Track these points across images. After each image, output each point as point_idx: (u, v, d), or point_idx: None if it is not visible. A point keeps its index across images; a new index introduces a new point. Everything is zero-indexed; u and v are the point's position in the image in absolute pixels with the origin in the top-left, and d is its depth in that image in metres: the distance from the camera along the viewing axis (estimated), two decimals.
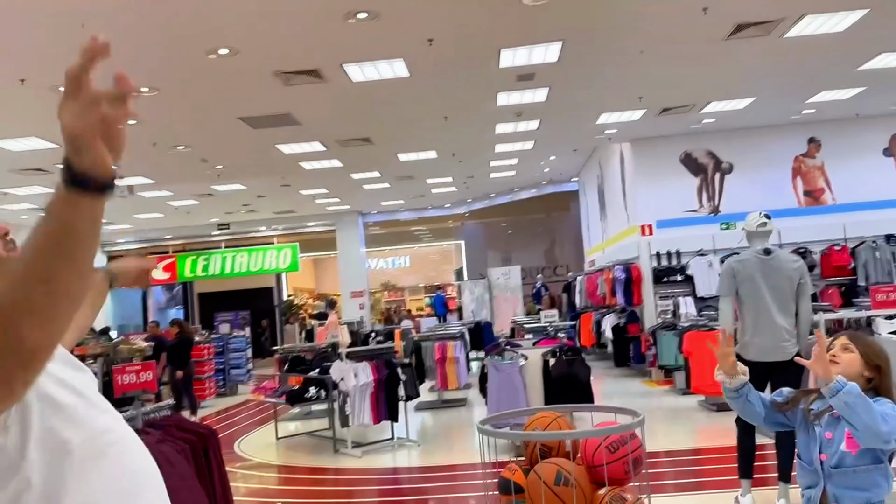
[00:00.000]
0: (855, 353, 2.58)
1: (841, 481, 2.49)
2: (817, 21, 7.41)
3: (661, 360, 10.08)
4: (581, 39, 7.47)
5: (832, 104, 10.99)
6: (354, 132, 10.74)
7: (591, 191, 16.51)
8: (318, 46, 7.16)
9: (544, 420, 3.11)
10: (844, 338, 2.67)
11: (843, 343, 2.63)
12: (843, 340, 2.65)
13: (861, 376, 2.52)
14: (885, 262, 11.24)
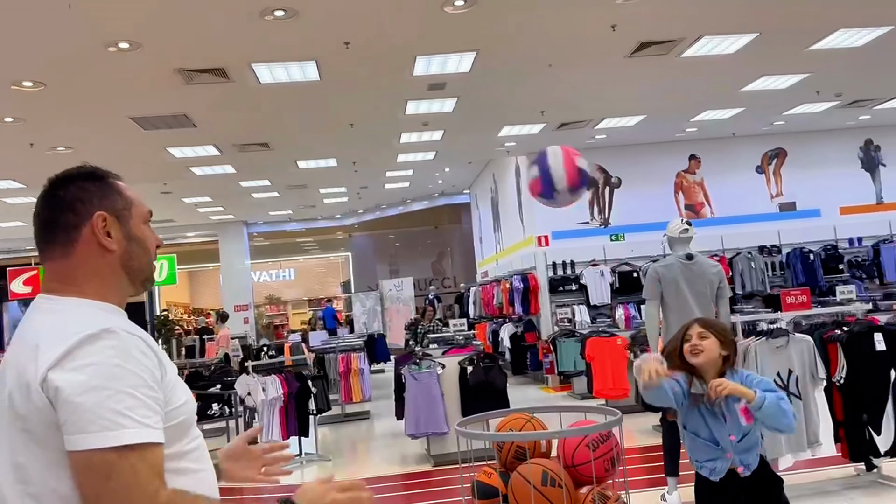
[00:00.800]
0: (711, 337, 2.88)
1: (743, 448, 2.84)
2: (712, 42, 7.90)
3: (560, 366, 10.33)
4: (495, 50, 7.58)
5: (713, 123, 11.76)
6: (254, 136, 10.36)
7: (484, 203, 16.77)
8: (229, 44, 6.84)
9: (519, 421, 3.08)
10: (697, 326, 2.94)
11: (698, 332, 2.90)
12: (697, 329, 2.91)
13: (720, 355, 2.87)
14: (759, 272, 12.11)
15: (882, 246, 12.20)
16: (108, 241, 1.43)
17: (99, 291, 1.41)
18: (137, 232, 1.50)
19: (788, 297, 5.24)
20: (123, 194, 1.50)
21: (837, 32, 7.92)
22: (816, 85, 9.96)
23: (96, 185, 1.47)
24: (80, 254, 1.42)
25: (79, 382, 1.22)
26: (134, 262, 1.47)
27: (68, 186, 1.45)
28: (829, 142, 13.11)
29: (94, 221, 1.43)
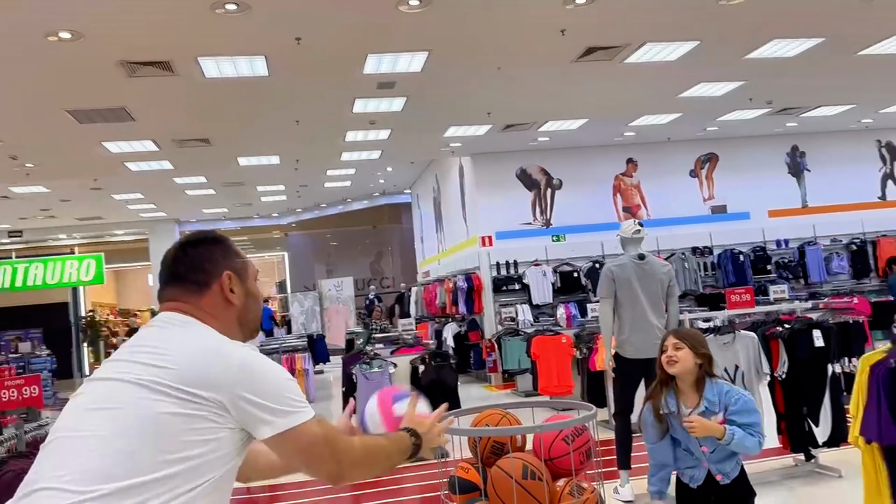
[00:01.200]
0: (685, 347, 3.02)
1: (717, 458, 2.97)
2: (655, 49, 8.15)
3: (504, 364, 10.46)
4: (446, 51, 7.62)
5: (650, 128, 12.12)
6: (195, 132, 10.11)
7: (426, 203, 16.81)
8: (176, 36, 6.67)
9: (494, 417, 3.12)
10: (672, 337, 3.09)
11: (674, 343, 3.05)
12: (673, 341, 3.06)
13: (695, 365, 3.01)
14: (692, 272, 12.56)
15: (807, 248, 12.82)
16: (232, 296, 1.69)
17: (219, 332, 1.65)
18: (253, 289, 1.76)
19: (733, 296, 5.47)
20: (241, 255, 1.77)
21: (772, 43, 8.29)
22: (750, 93, 10.39)
23: (220, 247, 1.73)
24: (207, 299, 1.68)
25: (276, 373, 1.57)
26: (249, 315, 1.75)
27: (198, 248, 1.71)
28: (758, 147, 13.69)
29: (223, 279, 1.69)
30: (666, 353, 3.04)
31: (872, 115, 12.83)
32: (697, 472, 3.00)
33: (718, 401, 2.94)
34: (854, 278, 12.85)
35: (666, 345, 3.06)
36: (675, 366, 3.00)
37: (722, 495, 2.97)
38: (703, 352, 3.02)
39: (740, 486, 2.99)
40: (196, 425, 1.46)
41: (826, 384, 5.26)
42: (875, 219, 13.41)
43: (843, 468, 5.26)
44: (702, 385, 2.99)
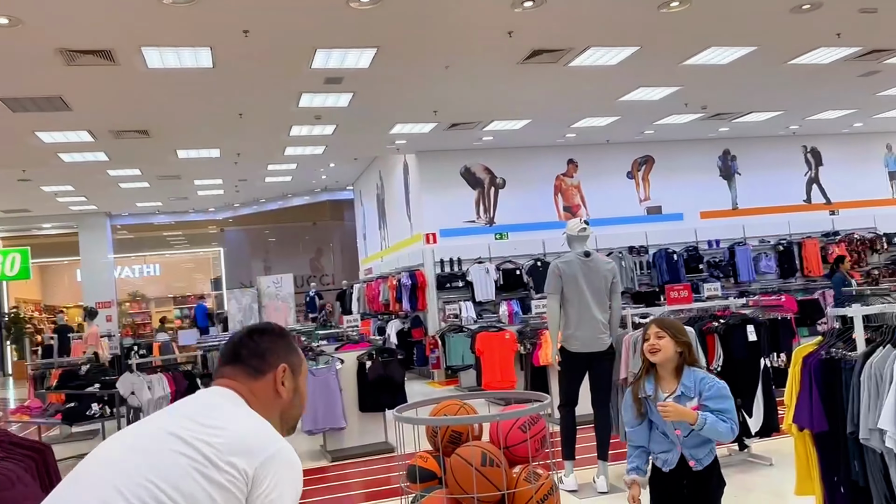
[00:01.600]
0: (666, 336, 3.10)
1: (691, 443, 3.05)
2: (598, 53, 8.37)
3: (448, 360, 10.56)
4: (395, 48, 7.66)
5: (590, 130, 12.42)
6: (133, 123, 9.86)
7: (369, 200, 16.78)
8: (120, 26, 6.51)
9: (453, 407, 3.19)
10: (654, 326, 3.17)
11: (655, 332, 3.13)
12: (654, 329, 3.15)
13: (675, 353, 3.10)
14: (629, 271, 12.93)
15: (737, 248, 13.37)
16: (282, 389, 1.75)
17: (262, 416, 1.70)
18: (302, 387, 1.83)
19: (672, 293, 5.69)
20: (299, 353, 1.83)
21: (708, 50, 8.63)
22: (685, 98, 10.77)
23: (284, 341, 1.81)
24: (260, 386, 1.74)
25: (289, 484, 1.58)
26: (293, 410, 1.80)
27: (264, 336, 1.79)
28: (692, 151, 14.18)
29: (278, 371, 1.75)
30: (648, 342, 3.11)
31: (799, 121, 13.47)
32: (671, 456, 3.06)
33: (694, 386, 3.02)
34: (781, 277, 13.46)
35: (648, 333, 3.13)
36: (657, 354, 3.08)
37: (693, 481, 3.04)
38: (683, 340, 3.11)
39: (712, 475, 3.05)
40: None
41: (759, 377, 5.54)
42: (800, 221, 14.08)
43: (773, 457, 5.55)
44: (681, 372, 3.07)
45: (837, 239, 13.81)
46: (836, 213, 14.70)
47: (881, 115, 13.45)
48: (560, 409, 5.48)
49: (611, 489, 5.27)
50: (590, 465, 5.58)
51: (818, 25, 7.98)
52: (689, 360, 3.12)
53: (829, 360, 3.52)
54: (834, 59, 9.31)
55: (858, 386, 3.26)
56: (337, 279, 21.58)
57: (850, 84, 10.71)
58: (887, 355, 3.22)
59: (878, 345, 3.32)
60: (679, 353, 3.08)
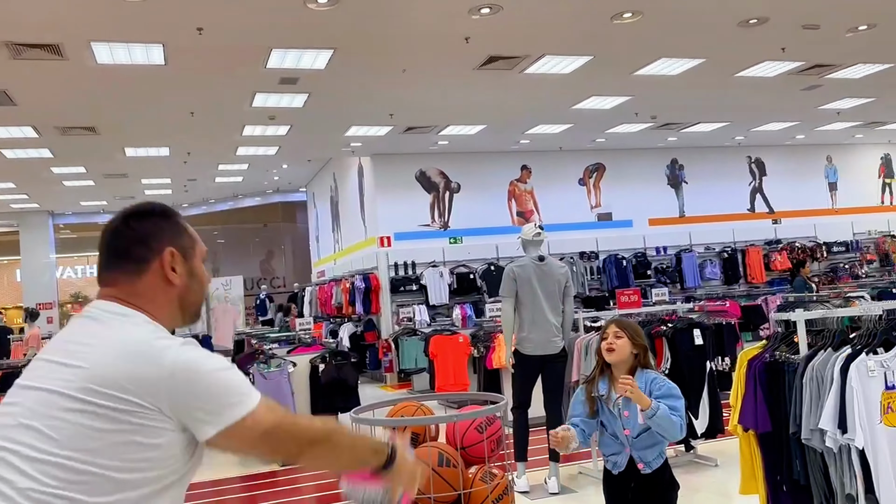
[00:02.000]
0: (624, 337, 3.14)
1: (641, 444, 3.07)
2: (553, 61, 8.51)
3: (401, 364, 10.55)
4: (352, 51, 7.65)
5: (544, 137, 12.58)
6: (80, 120, 9.61)
7: (322, 202, 16.65)
8: (69, 20, 6.36)
9: (410, 409, 3.21)
10: (614, 326, 3.21)
11: (614, 331, 3.17)
12: (613, 329, 3.19)
13: (631, 354, 3.14)
14: (580, 276, 13.12)
15: (683, 255, 13.70)
16: (173, 276, 1.56)
17: (156, 317, 1.53)
18: (198, 270, 1.63)
19: (623, 297, 5.81)
20: (189, 233, 1.63)
21: (658, 61, 8.85)
22: (636, 107, 11.01)
23: (168, 222, 1.59)
24: (146, 282, 1.54)
25: (211, 369, 1.43)
26: (191, 297, 1.61)
27: (142, 221, 1.57)
28: (641, 159, 14.49)
29: (164, 256, 1.55)
30: (606, 341, 3.13)
31: (745, 132, 13.89)
32: (620, 458, 3.07)
33: (645, 387, 3.04)
34: (725, 284, 13.84)
35: (607, 332, 3.15)
36: (612, 353, 3.10)
37: (643, 484, 3.04)
38: (640, 342, 3.14)
39: (662, 478, 3.07)
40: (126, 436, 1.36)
41: (705, 380, 5.69)
42: (744, 229, 14.51)
43: (718, 458, 5.71)
44: (634, 374, 3.09)
45: (779, 247, 14.28)
46: (778, 223, 15.19)
47: (822, 128, 13.97)
48: (513, 411, 5.53)
49: (562, 490, 5.35)
50: (541, 467, 5.65)
51: (764, 40, 8.26)
52: (643, 362, 3.15)
53: (773, 362, 3.64)
54: (778, 72, 9.65)
55: (801, 388, 3.38)
56: (288, 282, 21.33)
57: (794, 97, 11.10)
58: (828, 358, 3.35)
59: (820, 348, 3.45)
60: (634, 354, 3.12)
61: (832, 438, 3.19)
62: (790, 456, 3.51)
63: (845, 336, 3.46)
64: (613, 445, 3.12)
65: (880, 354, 3.28)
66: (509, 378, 5.93)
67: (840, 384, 3.21)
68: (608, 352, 3.13)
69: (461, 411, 3.16)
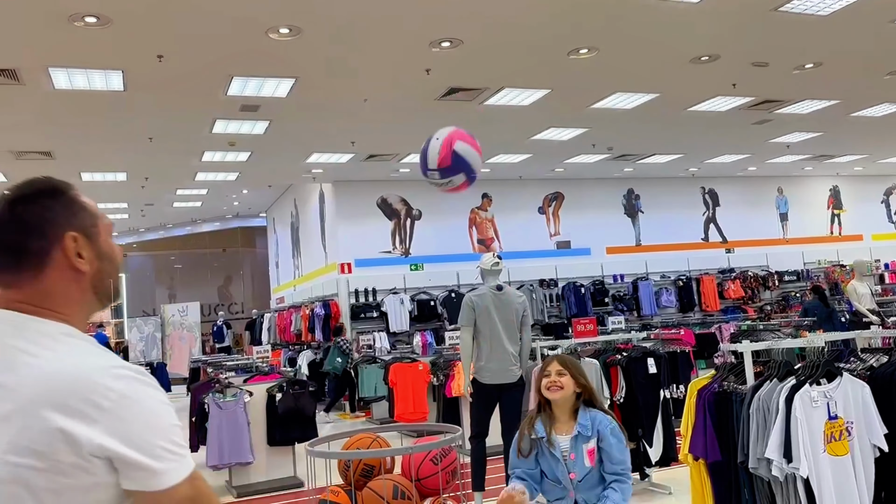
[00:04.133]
0: (567, 375, 3.03)
1: (586, 487, 2.97)
2: (512, 94, 8.67)
3: (361, 392, 10.48)
4: (313, 79, 7.70)
5: (504, 166, 12.75)
6: (36, 144, 9.46)
7: (282, 227, 16.56)
8: (27, 45, 6.30)
9: (365, 441, 3.22)
10: (556, 364, 3.06)
11: (557, 369, 3.03)
12: (556, 367, 3.04)
13: (573, 392, 3.03)
14: (539, 303, 13.26)
15: (640, 282, 13.94)
16: (81, 263, 1.33)
17: (73, 317, 1.33)
18: (107, 248, 1.39)
19: (579, 326, 5.91)
20: (88, 209, 1.38)
21: (613, 95, 9.08)
22: (593, 139, 11.25)
23: (61, 201, 1.33)
24: (51, 278, 1.31)
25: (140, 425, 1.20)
26: (105, 280, 1.40)
27: (30, 206, 1.30)
28: (599, 189, 14.77)
29: (65, 244, 1.31)
30: (549, 378, 3.00)
31: (698, 164, 14.27)
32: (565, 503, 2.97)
33: (591, 426, 2.94)
34: (680, 311, 14.11)
35: (549, 370, 3.02)
36: (558, 392, 2.97)
37: None
38: (583, 382, 3.03)
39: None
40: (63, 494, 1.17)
41: (659, 408, 5.79)
42: (699, 258, 14.85)
43: (672, 486, 5.79)
44: (576, 413, 2.99)
45: (733, 276, 14.63)
46: (731, 252, 15.58)
47: (773, 161, 14.43)
48: (471, 440, 5.55)
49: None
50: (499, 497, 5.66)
51: (715, 76, 8.55)
52: (591, 398, 3.04)
53: (721, 392, 3.74)
54: (730, 107, 9.97)
55: (748, 418, 3.47)
56: (247, 308, 21.08)
57: (745, 131, 11.47)
58: (773, 389, 3.46)
59: (766, 378, 3.56)
60: (577, 393, 3.01)
61: (778, 467, 3.28)
62: (739, 484, 3.60)
63: (790, 367, 3.58)
64: (555, 490, 2.97)
65: (823, 385, 3.40)
66: (468, 406, 5.95)
67: (785, 414, 3.31)
68: (552, 390, 2.99)
69: (416, 443, 3.19)
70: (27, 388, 1.17)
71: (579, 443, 2.91)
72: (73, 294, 1.33)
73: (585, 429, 2.95)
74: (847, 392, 3.38)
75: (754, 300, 14.68)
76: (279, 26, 6.28)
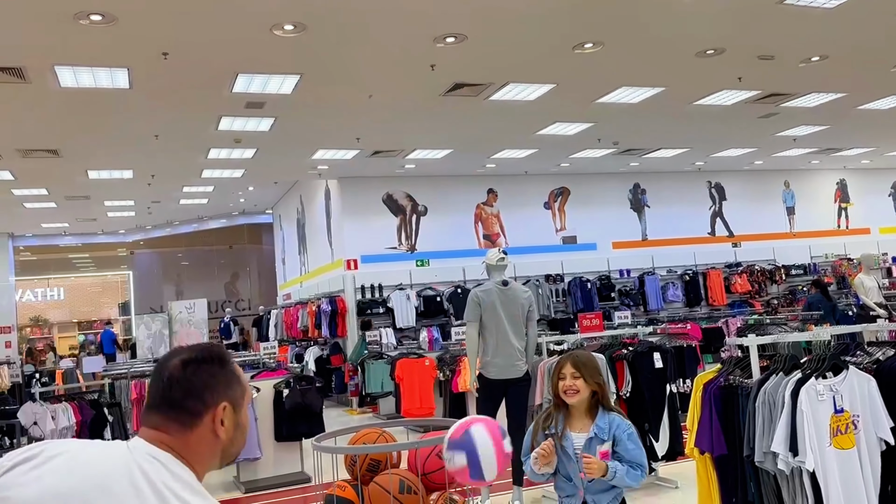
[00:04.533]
0: (582, 377, 3.04)
1: (595, 489, 2.99)
2: (517, 89, 8.66)
3: (367, 388, 10.51)
4: (318, 76, 7.70)
5: (509, 161, 12.74)
6: (43, 142, 9.49)
7: (289, 224, 16.59)
8: (33, 44, 6.32)
9: (372, 435, 3.23)
10: (570, 366, 3.06)
11: (571, 372, 3.04)
12: (570, 370, 3.05)
13: (590, 392, 3.05)
14: (546, 298, 13.25)
15: (646, 277, 13.92)
16: (221, 430, 1.48)
17: (200, 471, 1.47)
18: (244, 420, 1.55)
19: (585, 321, 5.91)
20: (241, 381, 1.55)
21: (619, 89, 9.06)
22: (598, 133, 11.23)
23: (224, 371, 1.51)
24: (196, 435, 1.46)
25: None
26: (234, 448, 1.54)
27: (200, 371, 1.48)
28: (605, 184, 14.74)
29: (217, 411, 1.47)
30: (564, 382, 3.02)
31: (704, 158, 14.22)
32: (575, 501, 3.00)
33: (608, 429, 2.96)
34: (687, 306, 14.08)
35: (564, 373, 3.03)
36: (574, 396, 3.00)
37: None
38: (597, 380, 3.04)
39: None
40: None
41: (665, 402, 5.79)
42: (705, 252, 14.81)
43: (679, 480, 5.79)
44: (594, 413, 3.01)
45: (739, 270, 14.59)
46: (738, 246, 15.53)
47: (779, 154, 14.37)
48: None
49: None
50: (506, 491, 5.68)
51: (721, 69, 8.51)
52: (602, 400, 3.05)
53: (727, 386, 3.74)
54: (736, 100, 9.93)
55: (753, 412, 3.47)
56: (253, 304, 21.12)
57: (751, 124, 11.42)
58: (779, 382, 3.45)
59: (772, 372, 3.56)
60: (593, 391, 3.04)
61: (784, 461, 3.28)
62: (745, 478, 3.60)
63: (796, 360, 3.58)
64: (567, 488, 3.03)
65: (829, 378, 3.39)
66: (474, 402, 5.96)
67: (791, 408, 3.31)
68: (568, 395, 3.02)
69: (422, 437, 3.19)
70: None
71: (594, 444, 2.93)
72: (206, 454, 1.49)
73: (602, 431, 2.96)
74: (853, 385, 3.38)
75: (761, 294, 14.64)
76: (284, 23, 6.29)
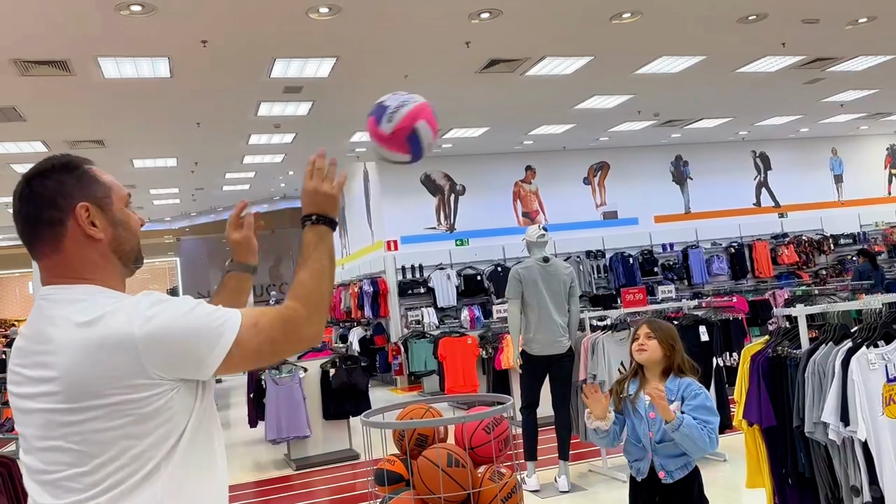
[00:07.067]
0: (655, 339, 3.08)
1: (664, 451, 2.98)
2: (553, 63, 8.56)
3: (411, 366, 10.63)
4: (354, 58, 7.73)
5: (547, 137, 12.64)
6: (89, 133, 9.74)
7: None
8: (76, 36, 6.47)
9: (418, 411, 3.28)
10: (646, 326, 3.15)
11: (646, 332, 3.11)
12: (645, 329, 3.13)
13: (663, 356, 3.07)
14: (587, 274, 13.18)
15: (690, 251, 13.72)
16: (94, 231, 1.46)
17: (101, 279, 1.46)
18: (121, 216, 1.52)
19: (628, 296, 5.87)
20: (101, 181, 1.50)
21: (659, 59, 8.89)
22: (638, 105, 11.05)
23: (73, 176, 1.46)
24: (69, 247, 1.44)
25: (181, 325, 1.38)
26: (123, 245, 1.51)
27: (45, 181, 1.44)
28: (645, 157, 14.52)
29: (77, 213, 1.44)
30: (637, 341, 3.10)
31: (748, 127, 13.90)
32: (643, 465, 3.01)
33: (677, 391, 2.97)
34: (733, 279, 13.86)
35: (638, 333, 3.13)
36: (643, 354, 3.06)
37: (667, 495, 2.96)
38: (671, 343, 3.07)
39: (689, 492, 2.96)
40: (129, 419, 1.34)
41: (711, 376, 5.74)
42: (751, 224, 14.52)
43: (727, 452, 5.75)
44: (667, 376, 3.04)
45: (786, 241, 14.28)
46: (784, 216, 15.19)
47: (826, 121, 13.97)
48: (522, 411, 5.60)
49: (572, 488, 5.41)
50: (551, 465, 5.71)
51: (764, 35, 8.29)
52: (677, 366, 3.05)
53: (775, 357, 3.69)
54: (779, 67, 9.67)
55: (803, 382, 3.42)
56: None
57: (796, 91, 11.12)
58: (829, 352, 3.40)
59: (821, 342, 3.50)
60: (666, 355, 3.06)
61: (835, 431, 3.24)
62: (794, 449, 3.56)
63: (846, 330, 3.51)
64: (636, 451, 3.06)
65: (881, 347, 3.32)
66: (518, 378, 6.00)
67: (841, 377, 3.26)
68: (639, 352, 3.09)
69: (469, 412, 3.23)
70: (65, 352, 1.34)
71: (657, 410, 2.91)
72: (94, 259, 1.46)
73: (671, 392, 2.96)
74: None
75: (809, 265, 14.32)
76: (319, 6, 6.32)
